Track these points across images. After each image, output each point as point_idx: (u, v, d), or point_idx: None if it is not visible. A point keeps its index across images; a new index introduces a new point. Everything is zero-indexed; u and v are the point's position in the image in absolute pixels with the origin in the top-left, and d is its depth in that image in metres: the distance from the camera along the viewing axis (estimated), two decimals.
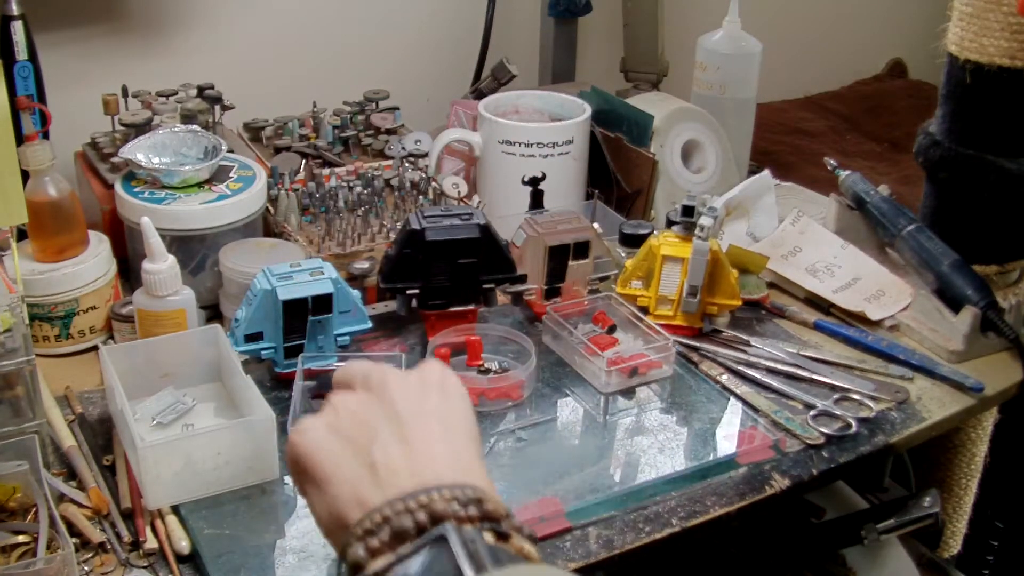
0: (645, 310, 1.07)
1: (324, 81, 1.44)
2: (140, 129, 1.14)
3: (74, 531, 0.80)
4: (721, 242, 1.08)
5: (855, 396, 0.99)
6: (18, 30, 1.12)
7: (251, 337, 0.94)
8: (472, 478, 0.53)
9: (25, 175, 0.97)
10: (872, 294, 1.14)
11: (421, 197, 1.20)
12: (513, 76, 1.44)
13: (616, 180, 1.29)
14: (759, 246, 1.20)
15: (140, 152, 1.09)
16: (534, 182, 1.23)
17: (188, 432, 0.89)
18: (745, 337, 1.07)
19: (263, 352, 0.95)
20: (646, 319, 1.04)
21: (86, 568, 0.77)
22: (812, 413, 0.97)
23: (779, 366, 1.03)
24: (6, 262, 0.93)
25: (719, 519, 0.86)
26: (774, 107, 1.85)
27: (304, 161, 1.25)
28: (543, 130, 1.23)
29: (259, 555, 0.79)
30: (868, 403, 0.98)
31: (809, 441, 0.93)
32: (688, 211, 1.04)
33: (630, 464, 0.91)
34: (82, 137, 1.23)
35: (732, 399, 0.99)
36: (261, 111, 1.34)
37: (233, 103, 1.26)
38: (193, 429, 0.90)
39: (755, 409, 0.97)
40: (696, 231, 1.03)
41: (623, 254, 1.15)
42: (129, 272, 1.09)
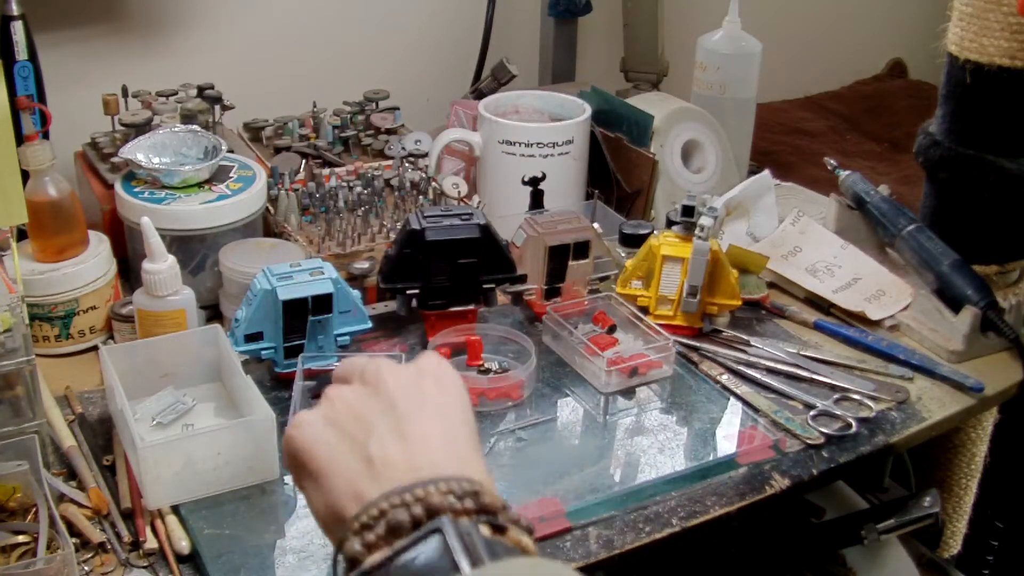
0: (645, 310, 1.07)
1: (324, 81, 1.44)
2: (140, 129, 1.14)
3: (74, 531, 0.79)
4: (721, 242, 1.08)
5: (855, 396, 0.99)
6: (18, 30, 1.12)
7: (251, 337, 0.94)
8: (469, 470, 0.53)
9: (25, 175, 0.97)
10: (872, 294, 1.14)
11: (421, 197, 1.20)
12: (513, 76, 1.44)
13: (616, 180, 1.29)
14: (759, 246, 1.20)
15: (140, 152, 1.09)
16: (534, 182, 1.23)
17: (188, 432, 0.89)
18: (745, 337, 1.07)
19: (263, 352, 0.95)
20: (646, 319, 1.04)
21: (86, 568, 0.77)
22: (812, 413, 0.97)
23: (779, 366, 1.03)
24: (6, 262, 0.93)
25: (719, 519, 0.86)
26: (774, 107, 1.85)
27: (304, 161, 1.25)
28: (543, 130, 1.23)
29: (259, 555, 0.79)
30: (868, 403, 0.98)
31: (809, 441, 0.93)
32: (688, 211, 1.04)
33: (630, 464, 0.91)
34: (82, 137, 1.22)
35: (732, 399, 0.99)
36: (261, 111, 1.33)
37: (233, 103, 1.26)
38: (193, 429, 0.90)
39: (755, 409, 0.97)
40: (696, 231, 1.03)
41: (623, 254, 1.15)
42: (129, 272, 1.09)
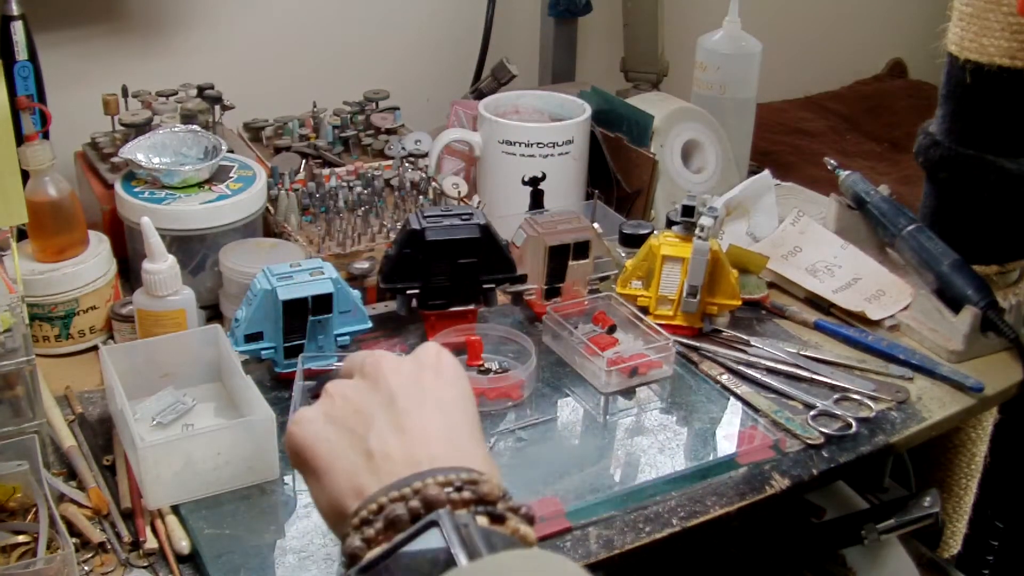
0: (645, 310, 1.07)
1: (324, 81, 1.44)
2: (140, 129, 1.14)
3: (74, 531, 0.79)
4: (721, 242, 1.08)
5: (855, 396, 0.99)
6: (18, 30, 1.12)
7: (251, 337, 0.94)
8: (468, 459, 0.53)
9: (25, 175, 0.97)
10: (872, 294, 1.14)
11: (421, 197, 1.20)
12: (513, 76, 1.44)
13: (616, 180, 1.29)
14: (759, 246, 1.20)
15: (140, 152, 1.09)
16: (534, 182, 1.23)
17: (188, 432, 0.89)
18: (745, 337, 1.07)
19: (263, 352, 0.95)
20: (646, 319, 1.04)
21: (86, 568, 0.77)
22: (812, 413, 0.97)
23: (779, 366, 1.03)
24: (6, 262, 0.92)
25: (719, 519, 0.86)
26: (774, 107, 1.85)
27: (304, 161, 1.25)
28: (543, 130, 1.23)
29: (259, 555, 0.79)
30: (868, 403, 0.98)
31: (809, 441, 0.93)
32: (688, 211, 1.04)
33: (630, 464, 0.91)
34: (82, 137, 1.22)
35: (732, 399, 0.99)
36: (261, 111, 1.33)
37: (233, 103, 1.26)
38: (193, 429, 0.90)
39: (755, 409, 0.97)
40: (696, 231, 1.03)
41: (623, 254, 1.15)
42: (129, 272, 1.09)
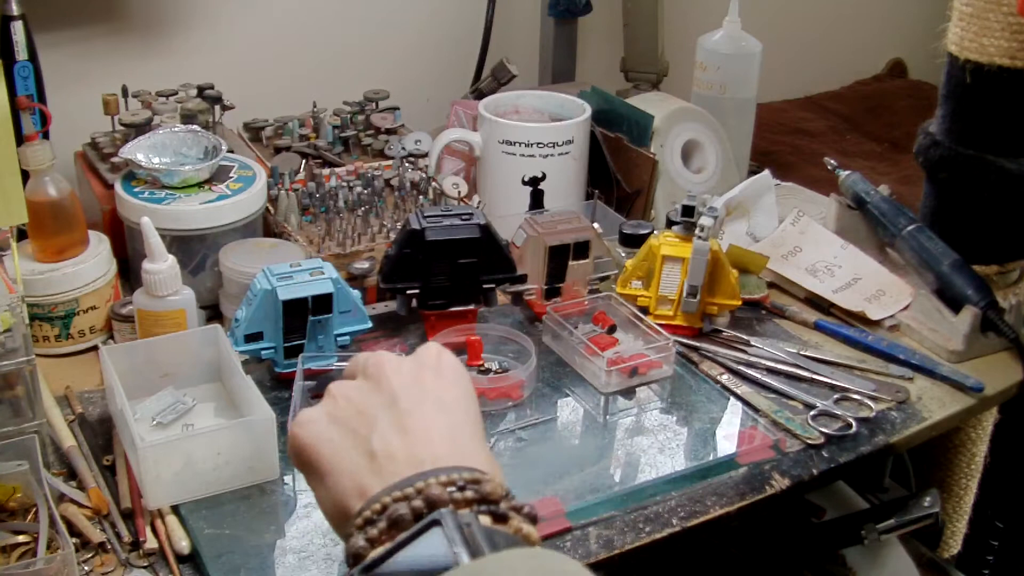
0: (645, 310, 1.07)
1: (324, 81, 1.44)
2: (140, 129, 1.14)
3: (74, 531, 0.79)
4: (721, 242, 1.08)
5: (855, 396, 0.99)
6: (18, 30, 1.12)
7: (251, 337, 0.94)
8: (470, 459, 0.53)
9: (25, 175, 0.97)
10: (872, 294, 1.14)
11: (421, 197, 1.20)
12: (513, 76, 1.44)
13: (616, 180, 1.29)
14: (759, 246, 1.20)
15: (140, 152, 1.09)
16: (534, 182, 1.23)
17: (188, 432, 0.89)
18: (745, 337, 1.07)
19: (263, 352, 0.95)
20: (646, 319, 1.04)
21: (86, 568, 0.77)
22: (812, 413, 0.97)
23: (779, 366, 1.03)
24: (6, 262, 0.92)
25: (719, 519, 0.86)
26: (774, 107, 1.85)
27: (304, 161, 1.25)
28: (543, 130, 1.23)
29: (259, 555, 0.79)
30: (868, 403, 0.98)
31: (809, 441, 0.93)
32: (688, 211, 1.04)
33: (630, 464, 0.91)
34: (82, 137, 1.22)
35: (732, 399, 0.99)
36: (261, 111, 1.33)
37: (233, 103, 1.26)
38: (193, 429, 0.90)
39: (755, 409, 0.97)
40: (696, 231, 1.03)
41: (623, 254, 1.15)
42: (129, 272, 1.09)
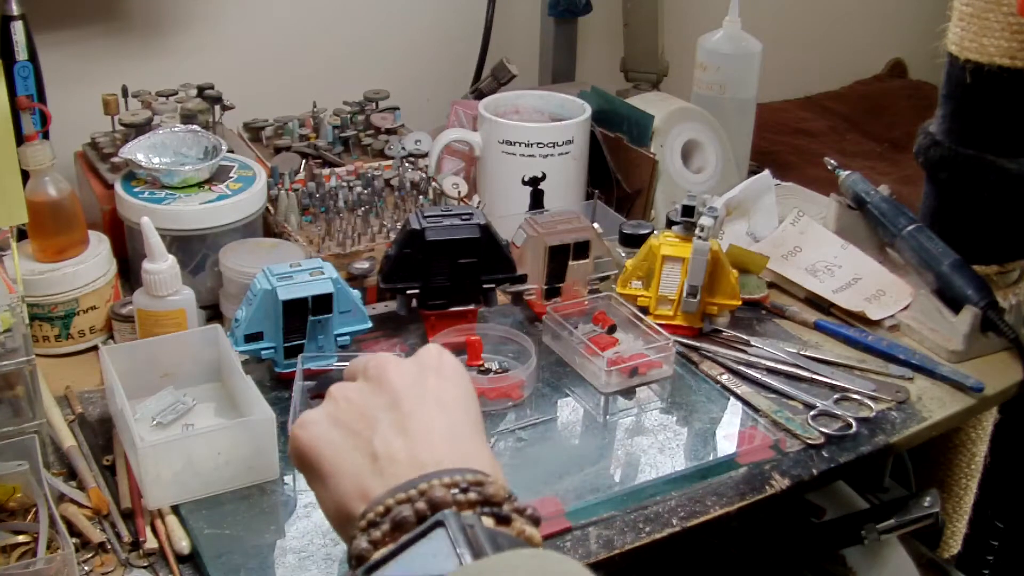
0: (645, 310, 1.07)
1: (324, 81, 1.44)
2: (140, 129, 1.14)
3: (74, 531, 0.79)
4: (721, 242, 1.08)
5: (855, 396, 0.99)
6: (18, 30, 1.12)
7: (251, 337, 0.94)
8: (472, 461, 0.53)
9: (25, 175, 0.97)
10: (872, 294, 1.14)
11: (421, 197, 1.20)
12: (513, 76, 1.44)
13: (616, 180, 1.29)
14: (759, 246, 1.20)
15: (140, 152, 1.09)
16: (534, 182, 1.23)
17: (188, 432, 0.89)
18: (745, 337, 1.07)
19: (263, 352, 0.95)
20: (646, 319, 1.04)
21: (86, 568, 0.77)
22: (812, 413, 0.97)
23: (779, 366, 1.03)
24: (6, 262, 0.93)
25: (719, 519, 0.86)
26: (774, 107, 1.85)
27: (304, 161, 1.25)
28: (543, 130, 1.23)
29: (259, 555, 0.79)
30: (868, 403, 0.98)
31: (809, 441, 0.93)
32: (688, 211, 1.04)
33: (630, 464, 0.91)
34: (82, 137, 1.22)
35: (732, 399, 0.99)
36: (261, 111, 1.33)
37: (233, 103, 1.26)
38: (193, 429, 0.90)
39: (755, 409, 0.97)
40: (696, 231, 1.03)
41: (623, 254, 1.15)
42: (129, 272, 1.09)
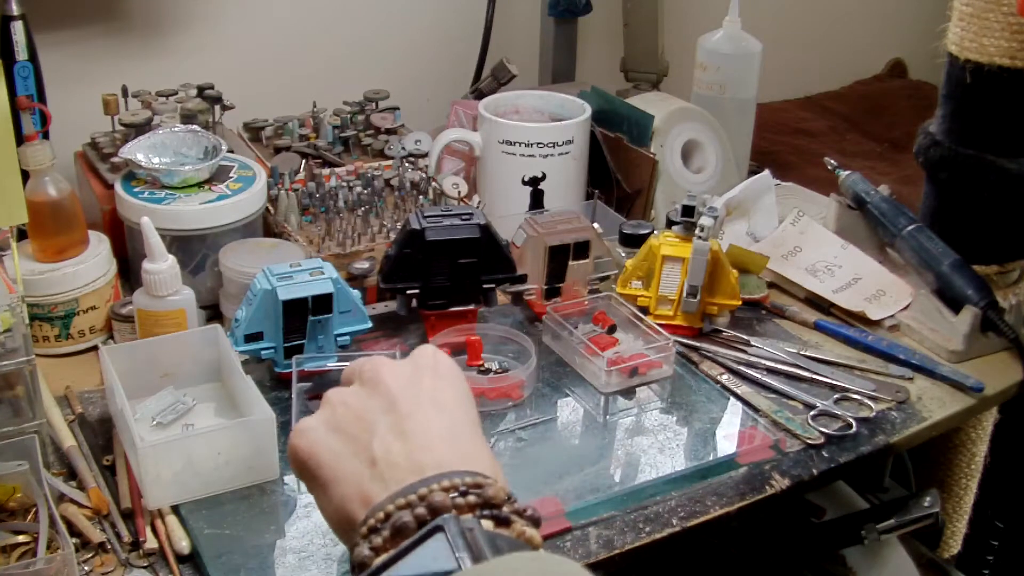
0: (645, 310, 1.07)
1: (324, 81, 1.44)
2: (140, 129, 1.14)
3: (74, 531, 0.79)
4: (721, 242, 1.08)
5: (855, 396, 0.99)
6: (18, 30, 1.12)
7: (251, 337, 0.94)
8: (471, 462, 0.53)
9: (25, 175, 0.97)
10: (872, 294, 1.14)
11: (421, 197, 1.20)
12: (513, 76, 1.44)
13: (616, 180, 1.29)
14: (759, 246, 1.20)
15: (140, 152, 1.09)
16: (534, 182, 1.23)
17: (188, 432, 0.89)
18: (745, 337, 1.07)
19: (263, 352, 0.95)
20: (646, 319, 1.04)
21: (86, 568, 0.77)
22: (812, 413, 0.97)
23: (779, 366, 1.03)
24: (6, 262, 0.93)
25: (719, 519, 0.86)
26: (774, 107, 1.85)
27: (304, 161, 1.25)
28: (543, 130, 1.23)
29: (259, 555, 0.79)
30: (868, 403, 0.98)
31: (809, 441, 0.93)
32: (688, 211, 1.04)
33: (630, 464, 0.91)
34: (82, 137, 1.22)
35: (732, 399, 0.99)
36: (261, 111, 1.33)
37: (233, 103, 1.26)
38: (193, 429, 0.90)
39: (755, 409, 0.97)
40: (696, 231, 1.03)
41: (623, 254, 1.15)
42: (129, 272, 1.09)
